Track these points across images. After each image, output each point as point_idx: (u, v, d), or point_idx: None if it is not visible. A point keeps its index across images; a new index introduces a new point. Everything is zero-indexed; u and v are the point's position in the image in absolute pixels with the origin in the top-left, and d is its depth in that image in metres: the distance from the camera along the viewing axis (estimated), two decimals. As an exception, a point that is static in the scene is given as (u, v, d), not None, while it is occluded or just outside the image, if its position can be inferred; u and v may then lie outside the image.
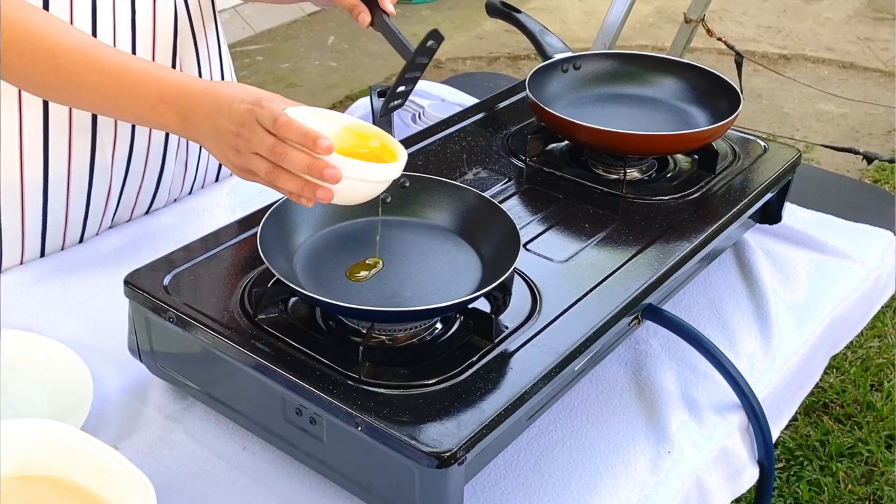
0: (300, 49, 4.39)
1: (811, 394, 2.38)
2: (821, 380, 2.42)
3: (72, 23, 1.21)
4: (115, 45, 1.26)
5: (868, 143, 3.71)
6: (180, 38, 1.36)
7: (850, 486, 2.16)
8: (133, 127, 1.36)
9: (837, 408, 2.39)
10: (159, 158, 1.43)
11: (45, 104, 1.27)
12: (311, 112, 1.00)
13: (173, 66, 1.36)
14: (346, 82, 4.08)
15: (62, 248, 1.40)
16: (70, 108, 1.28)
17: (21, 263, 1.37)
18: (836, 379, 2.46)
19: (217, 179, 1.59)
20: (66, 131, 1.30)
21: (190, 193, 1.55)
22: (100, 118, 1.31)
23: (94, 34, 1.23)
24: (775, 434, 1.24)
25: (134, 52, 1.30)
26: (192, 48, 1.39)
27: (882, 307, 2.66)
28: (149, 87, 1.04)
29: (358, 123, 1.05)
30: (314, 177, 0.95)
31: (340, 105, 3.88)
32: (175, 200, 1.52)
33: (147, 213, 1.49)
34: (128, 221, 1.47)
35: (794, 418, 2.33)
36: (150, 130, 1.38)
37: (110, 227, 1.44)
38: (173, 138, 1.43)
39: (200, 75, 1.45)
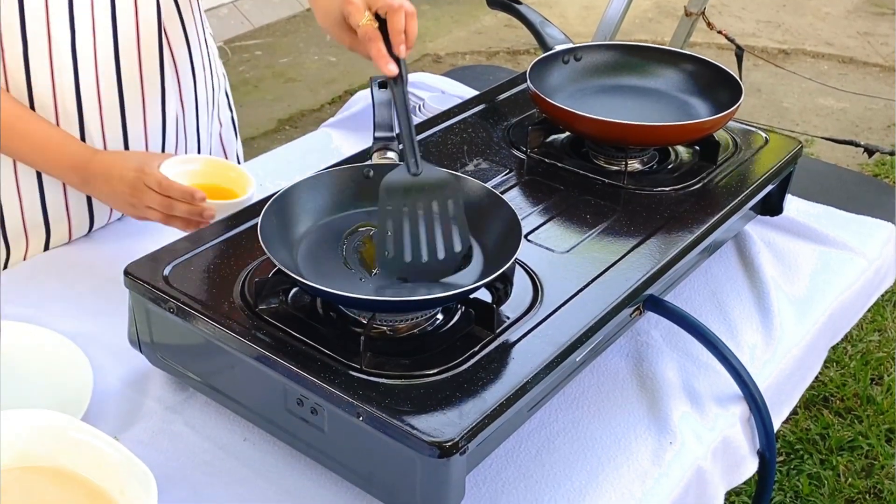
0: (299, 44, 4.38)
1: (811, 387, 2.38)
2: (821, 374, 2.43)
3: (47, 10, 1.23)
4: (94, 33, 1.28)
5: (868, 137, 3.71)
6: (166, 20, 1.35)
7: (850, 479, 2.16)
8: (122, 117, 1.35)
9: (838, 401, 2.39)
10: (158, 149, 1.43)
11: (30, 94, 1.28)
12: (180, 159, 1.30)
13: (160, 51, 1.36)
14: (345, 77, 4.08)
15: (69, 242, 1.40)
16: (55, 99, 1.29)
17: (25, 259, 1.37)
18: (837, 373, 2.46)
19: None
20: (54, 121, 1.30)
21: None
22: (85, 109, 1.31)
23: (73, 23, 1.25)
24: (776, 425, 1.23)
25: (115, 35, 1.30)
26: (181, 32, 1.38)
27: (883, 301, 2.68)
28: (63, 158, 1.29)
29: (214, 159, 1.38)
30: (195, 219, 1.23)
31: (339, 99, 3.88)
32: None
33: None
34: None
35: (795, 412, 2.33)
36: (144, 119, 1.38)
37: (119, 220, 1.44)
38: (170, 128, 1.43)
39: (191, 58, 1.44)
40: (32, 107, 1.29)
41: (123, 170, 1.25)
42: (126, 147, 1.38)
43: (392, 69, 1.09)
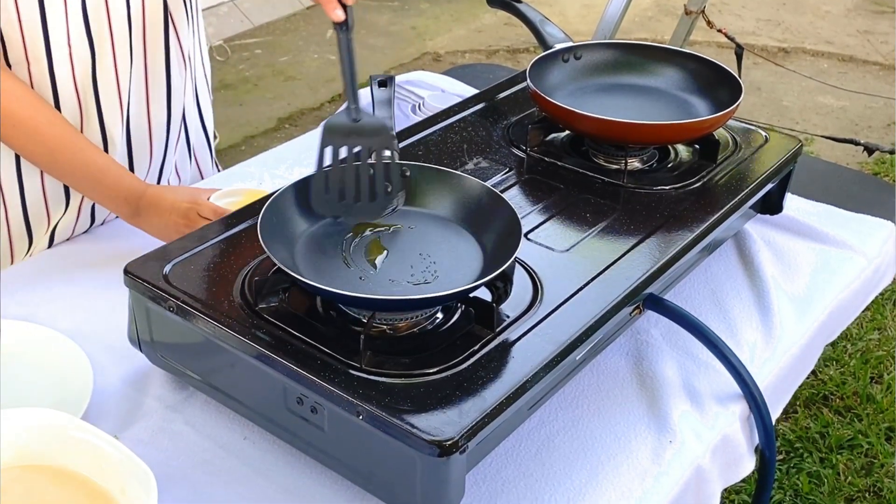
0: (299, 42, 4.38)
1: (811, 386, 2.39)
2: (821, 372, 2.43)
3: (66, 14, 1.25)
4: (108, 14, 1.29)
5: (868, 136, 3.71)
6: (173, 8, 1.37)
7: (849, 477, 2.16)
8: (128, 104, 1.37)
9: (837, 400, 2.39)
10: (162, 145, 1.43)
11: (55, 88, 1.29)
12: (223, 192, 1.35)
13: (167, 40, 1.37)
14: (345, 75, 4.07)
15: (69, 239, 1.40)
16: (76, 89, 1.31)
17: (30, 255, 1.37)
18: (836, 371, 2.46)
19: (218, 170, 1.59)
20: (77, 108, 1.32)
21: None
22: (102, 96, 1.33)
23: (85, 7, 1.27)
24: (773, 421, 1.24)
25: (129, 20, 1.31)
26: (184, 21, 1.39)
27: (882, 300, 2.68)
28: (118, 190, 1.33)
29: (256, 190, 1.37)
30: None
31: (339, 98, 3.88)
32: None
33: None
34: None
35: (794, 410, 2.33)
36: (148, 108, 1.39)
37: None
38: (175, 123, 1.43)
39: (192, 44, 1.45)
40: (57, 104, 1.30)
41: (175, 201, 1.30)
42: (129, 140, 1.39)
43: (339, 14, 1.13)
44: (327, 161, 1.11)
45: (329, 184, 1.11)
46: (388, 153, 1.12)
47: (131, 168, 1.41)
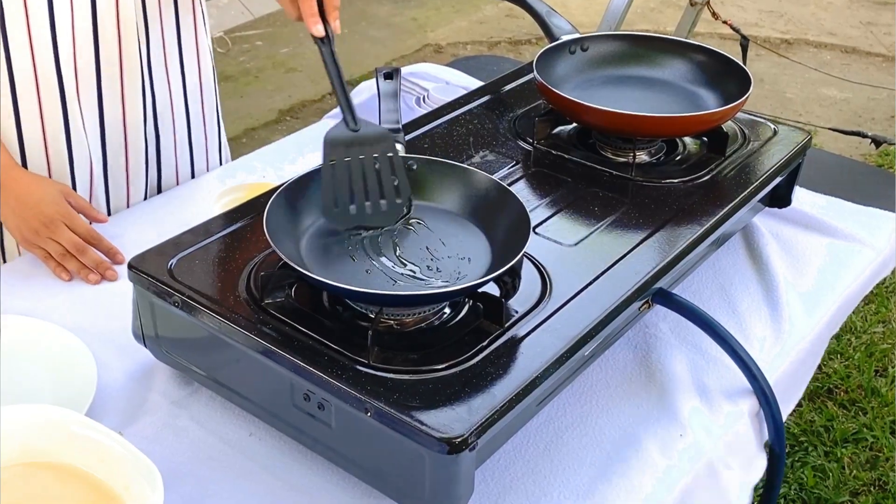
0: (299, 34, 4.36)
1: (816, 379, 2.38)
2: (825, 365, 2.42)
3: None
4: (72, 25, 1.27)
5: (871, 127, 3.70)
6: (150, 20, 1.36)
7: (854, 471, 2.15)
8: (99, 96, 1.35)
9: (842, 393, 2.38)
10: (140, 140, 1.41)
11: (10, 72, 1.27)
12: (228, 189, 1.35)
13: (146, 37, 1.36)
14: (346, 67, 4.01)
15: None
16: (35, 73, 1.28)
17: (20, 254, 1.36)
18: (841, 364, 2.45)
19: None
20: (35, 97, 1.30)
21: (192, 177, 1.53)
22: (66, 84, 1.31)
23: (52, 8, 1.25)
24: (783, 418, 1.23)
25: (96, 33, 1.30)
26: (158, 32, 1.38)
27: (887, 293, 2.67)
28: None
29: (259, 184, 1.37)
30: (99, 272, 1.28)
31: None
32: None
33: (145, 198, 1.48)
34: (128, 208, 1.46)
35: (799, 404, 2.32)
36: (123, 102, 1.38)
37: (108, 214, 1.43)
38: (149, 124, 1.42)
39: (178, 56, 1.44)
40: (13, 87, 1.27)
41: (41, 204, 1.27)
42: (103, 132, 1.37)
43: (319, 30, 1.14)
44: (332, 174, 1.08)
45: (338, 197, 1.08)
46: (391, 158, 1.10)
47: (105, 161, 1.40)
